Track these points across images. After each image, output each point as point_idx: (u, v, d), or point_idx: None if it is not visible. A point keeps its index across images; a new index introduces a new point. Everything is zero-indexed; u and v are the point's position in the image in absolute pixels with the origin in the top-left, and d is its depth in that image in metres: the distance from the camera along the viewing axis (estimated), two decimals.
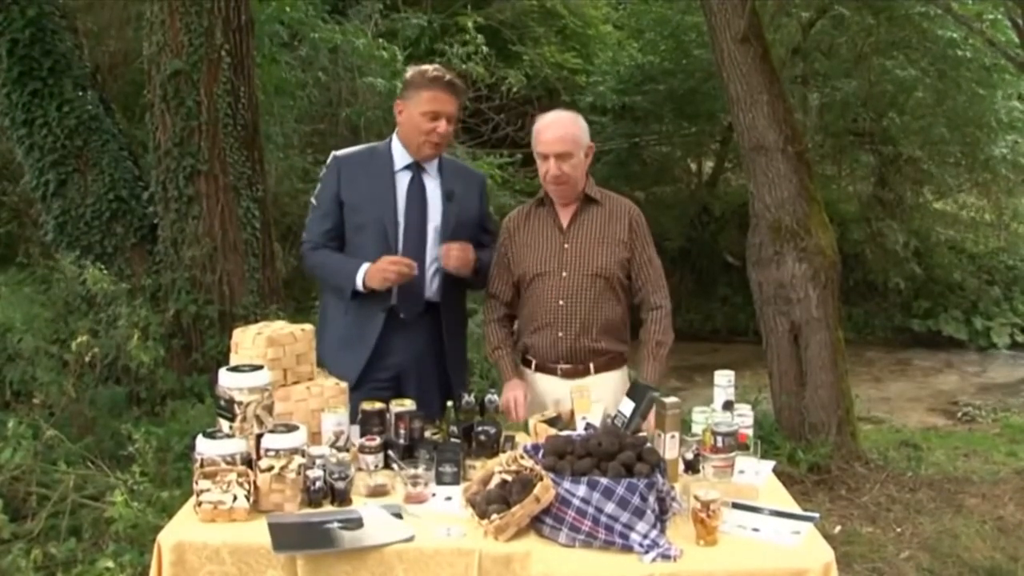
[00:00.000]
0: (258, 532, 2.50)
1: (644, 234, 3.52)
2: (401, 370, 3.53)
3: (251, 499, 2.58)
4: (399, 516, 2.60)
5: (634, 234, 3.49)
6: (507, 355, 3.62)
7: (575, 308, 3.45)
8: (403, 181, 3.55)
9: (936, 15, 10.63)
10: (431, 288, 3.54)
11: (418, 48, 10.30)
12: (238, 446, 2.64)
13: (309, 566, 2.41)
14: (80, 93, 6.49)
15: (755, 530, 2.54)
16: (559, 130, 3.43)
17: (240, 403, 2.69)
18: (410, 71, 3.65)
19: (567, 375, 3.49)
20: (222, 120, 6.22)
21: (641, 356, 3.47)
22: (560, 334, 3.47)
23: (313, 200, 3.67)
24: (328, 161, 3.64)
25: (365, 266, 3.41)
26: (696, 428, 2.96)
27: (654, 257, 3.55)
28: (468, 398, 3.18)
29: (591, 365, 3.48)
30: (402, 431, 2.99)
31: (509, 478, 2.56)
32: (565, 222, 3.50)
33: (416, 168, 3.56)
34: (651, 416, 2.91)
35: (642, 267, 3.50)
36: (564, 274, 3.46)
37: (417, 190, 3.55)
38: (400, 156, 3.57)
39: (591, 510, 2.42)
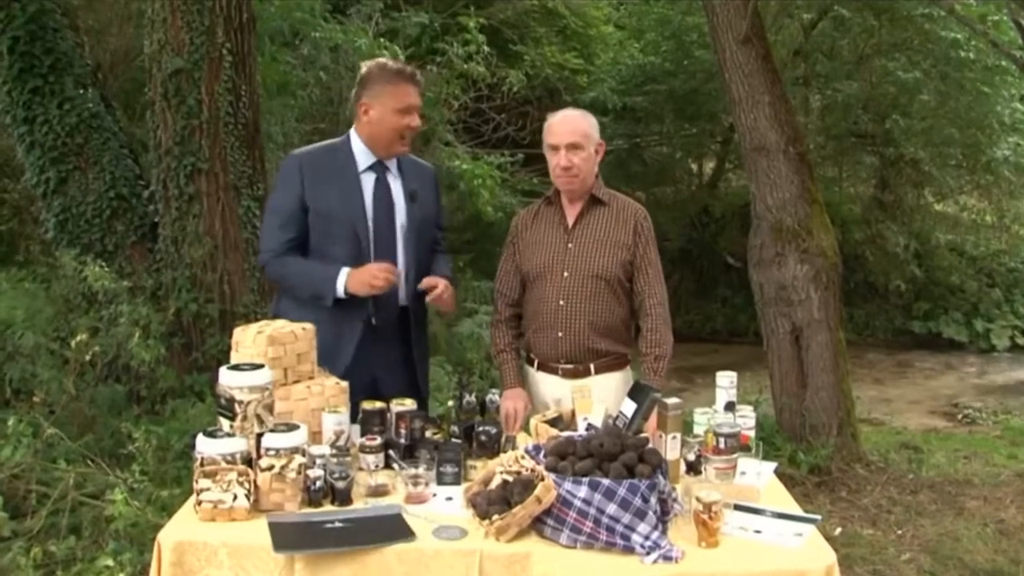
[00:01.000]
0: (258, 532, 2.50)
1: (648, 238, 3.51)
2: (376, 377, 3.42)
3: (251, 498, 2.58)
4: (400, 516, 2.59)
5: (638, 237, 3.48)
6: (511, 360, 3.61)
7: (575, 308, 3.44)
8: (368, 182, 3.45)
9: (939, 16, 10.63)
10: (403, 293, 3.47)
11: (419, 47, 10.29)
12: (238, 445, 2.63)
13: (308, 566, 2.40)
14: (81, 91, 6.48)
15: (757, 532, 2.53)
16: (570, 123, 3.45)
17: (241, 402, 2.68)
18: (365, 66, 3.50)
19: (568, 375, 3.48)
20: (223, 119, 6.21)
21: (642, 371, 3.46)
22: (560, 334, 3.47)
23: (271, 204, 3.54)
24: (286, 162, 3.52)
25: (346, 271, 3.31)
26: (698, 429, 2.96)
27: (655, 262, 3.52)
28: (469, 398, 3.17)
29: (591, 366, 3.47)
30: (403, 431, 2.98)
31: (510, 479, 2.55)
32: (570, 222, 3.51)
33: (380, 168, 3.47)
34: (653, 417, 2.91)
35: (642, 271, 3.49)
36: (566, 274, 3.46)
37: (383, 191, 3.46)
38: (363, 156, 3.46)
39: (592, 511, 2.41)
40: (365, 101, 3.42)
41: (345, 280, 3.30)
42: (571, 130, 3.42)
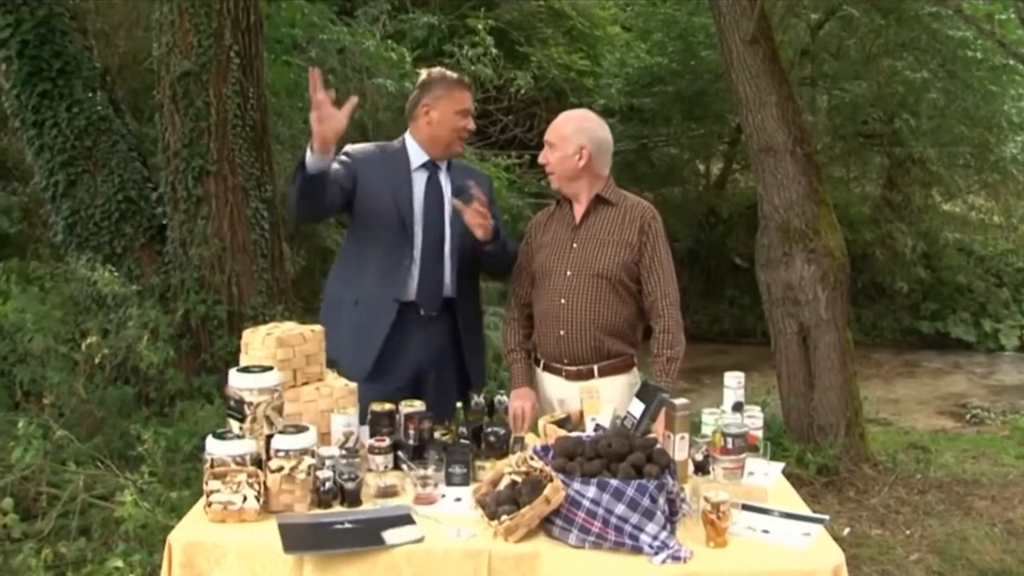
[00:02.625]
0: (268, 533, 2.51)
1: (656, 238, 3.49)
2: (419, 367, 3.54)
3: (261, 500, 2.59)
4: (409, 517, 2.60)
5: (645, 237, 3.47)
6: (521, 360, 3.64)
7: (577, 307, 3.45)
8: (420, 180, 3.61)
9: (946, 16, 10.60)
10: (449, 284, 3.58)
11: (427, 49, 10.30)
12: (248, 447, 2.65)
13: (318, 567, 2.41)
14: (90, 94, 6.49)
15: (765, 532, 2.53)
16: (557, 121, 3.56)
17: (250, 404, 2.70)
18: (428, 73, 3.71)
19: (571, 377, 3.49)
20: (231, 121, 6.23)
21: (653, 372, 3.45)
22: (562, 332, 3.47)
23: None
24: (339, 154, 3.57)
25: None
26: (706, 429, 2.96)
27: (665, 262, 3.50)
28: (478, 399, 3.19)
29: (595, 368, 3.48)
30: (412, 432, 2.99)
31: (519, 479, 2.56)
32: (577, 221, 3.52)
33: (432, 167, 3.63)
34: (661, 417, 2.91)
35: (651, 271, 3.47)
36: (569, 273, 3.47)
37: (435, 188, 3.62)
38: (416, 155, 3.63)
39: (601, 511, 2.42)
40: (427, 102, 3.61)
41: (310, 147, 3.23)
42: (552, 129, 3.55)
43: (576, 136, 3.48)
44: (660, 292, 3.47)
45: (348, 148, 3.68)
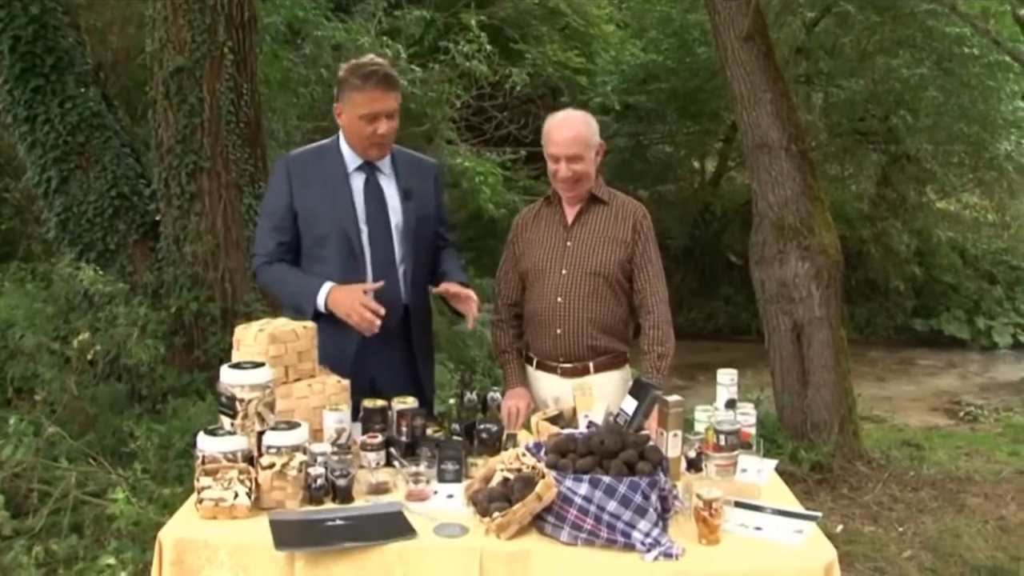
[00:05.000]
0: (259, 529, 2.50)
1: (648, 236, 3.49)
2: (376, 377, 3.36)
3: (252, 496, 2.58)
4: (401, 514, 2.59)
5: (637, 235, 3.47)
6: (513, 360, 3.61)
7: (573, 305, 3.44)
8: (358, 183, 3.39)
9: (942, 12, 10.60)
10: (404, 291, 3.42)
11: (422, 46, 10.29)
12: (240, 443, 2.64)
13: (309, 564, 2.41)
14: (82, 90, 6.48)
15: (757, 529, 2.53)
16: (570, 131, 3.41)
17: (242, 400, 2.68)
18: (342, 69, 3.40)
19: (567, 374, 3.48)
20: (224, 117, 6.21)
21: (644, 368, 3.44)
22: (559, 331, 3.46)
23: (264, 208, 3.51)
24: (276, 165, 3.48)
25: (328, 287, 3.24)
26: (699, 426, 2.95)
27: (655, 259, 3.50)
28: (471, 395, 3.18)
29: (591, 364, 3.47)
30: (404, 428, 2.98)
31: (511, 476, 2.56)
32: (570, 220, 3.50)
33: (368, 168, 3.40)
34: (654, 414, 2.90)
35: (642, 269, 3.47)
36: (564, 271, 3.46)
37: (374, 192, 3.40)
38: (351, 157, 3.40)
39: (593, 508, 2.42)
40: (337, 105, 3.38)
41: (326, 295, 3.23)
42: (570, 140, 3.39)
43: (593, 137, 3.44)
44: (650, 289, 3.47)
45: (285, 157, 3.48)
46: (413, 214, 3.43)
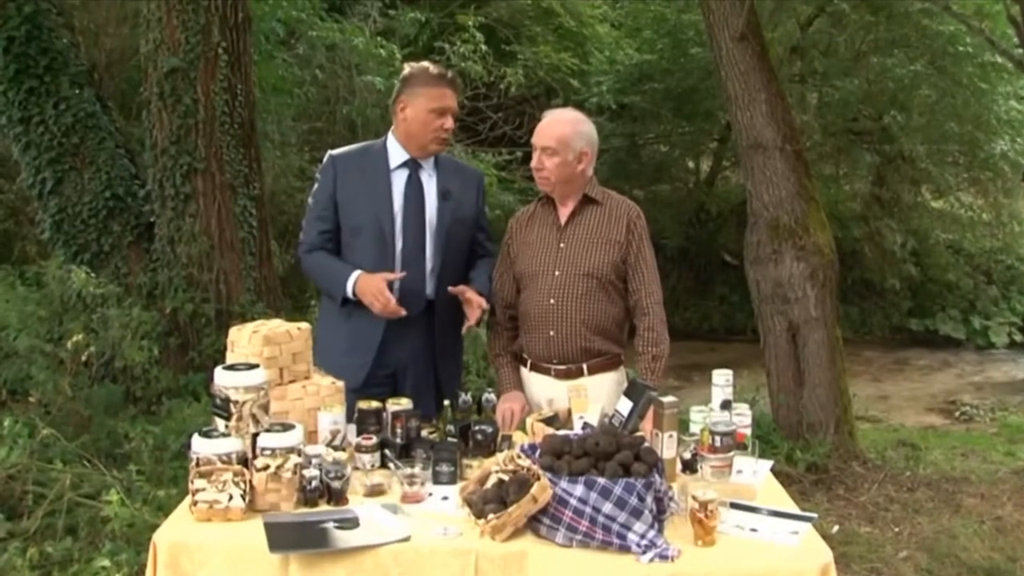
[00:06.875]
0: (254, 532, 2.49)
1: (641, 236, 3.48)
2: (397, 368, 3.50)
3: (247, 498, 2.57)
4: (395, 516, 2.58)
5: (631, 235, 3.45)
6: (507, 363, 3.60)
7: (566, 307, 3.43)
8: (399, 179, 3.52)
9: (936, 12, 10.61)
10: (430, 287, 3.52)
11: (416, 46, 10.29)
12: (234, 445, 2.63)
13: (304, 566, 2.40)
14: (77, 91, 6.47)
15: (753, 530, 2.53)
16: (553, 126, 3.45)
17: (236, 402, 2.68)
18: (408, 68, 3.61)
19: (560, 376, 3.46)
20: (219, 118, 6.21)
21: (638, 369, 3.44)
22: (552, 333, 3.45)
23: (310, 200, 3.65)
24: (324, 160, 3.62)
25: (356, 274, 3.39)
26: (694, 427, 2.95)
27: (649, 260, 3.49)
28: (465, 397, 3.18)
29: (584, 366, 3.46)
30: (399, 430, 2.98)
31: (506, 478, 2.55)
32: (563, 221, 3.49)
33: (413, 165, 3.53)
34: (649, 415, 2.90)
35: (636, 270, 3.46)
36: (557, 273, 3.45)
37: (414, 188, 3.52)
38: (396, 154, 3.54)
39: (588, 510, 2.41)
40: (402, 99, 3.53)
41: (354, 282, 3.39)
42: (549, 132, 3.43)
43: (577, 140, 3.42)
44: (645, 290, 3.46)
45: (332, 154, 3.63)
46: (448, 214, 3.55)
